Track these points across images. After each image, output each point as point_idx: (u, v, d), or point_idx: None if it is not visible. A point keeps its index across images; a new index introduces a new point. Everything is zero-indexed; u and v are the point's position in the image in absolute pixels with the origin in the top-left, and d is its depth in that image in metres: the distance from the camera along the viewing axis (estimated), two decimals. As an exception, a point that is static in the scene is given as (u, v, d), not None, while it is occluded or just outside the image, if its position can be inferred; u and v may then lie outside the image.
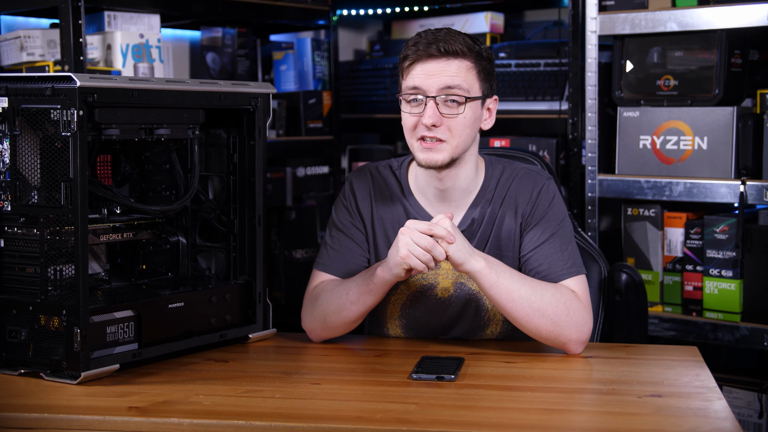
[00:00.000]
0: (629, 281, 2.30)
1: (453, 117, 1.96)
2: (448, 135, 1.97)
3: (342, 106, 3.52)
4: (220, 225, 2.16)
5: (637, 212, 2.88)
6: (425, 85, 1.96)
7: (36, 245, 1.81)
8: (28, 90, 1.78)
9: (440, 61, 1.96)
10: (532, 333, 1.96)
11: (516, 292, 1.92)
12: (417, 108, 1.98)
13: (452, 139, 1.97)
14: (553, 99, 3.06)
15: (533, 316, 1.93)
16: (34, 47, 2.61)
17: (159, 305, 1.94)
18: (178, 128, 1.99)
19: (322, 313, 2.05)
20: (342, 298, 2.02)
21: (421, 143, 1.98)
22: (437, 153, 1.97)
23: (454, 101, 1.96)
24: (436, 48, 1.96)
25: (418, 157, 2.00)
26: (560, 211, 2.08)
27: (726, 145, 2.67)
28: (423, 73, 1.97)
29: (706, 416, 1.60)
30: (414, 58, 1.98)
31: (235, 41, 3.19)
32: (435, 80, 1.96)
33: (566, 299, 1.95)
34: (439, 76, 1.96)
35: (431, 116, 1.95)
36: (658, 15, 2.73)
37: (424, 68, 1.97)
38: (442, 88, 1.95)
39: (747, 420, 2.78)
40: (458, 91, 1.96)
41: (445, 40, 1.96)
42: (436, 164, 1.98)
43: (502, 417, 1.61)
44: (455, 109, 1.96)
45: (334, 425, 1.56)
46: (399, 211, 2.11)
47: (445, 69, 1.96)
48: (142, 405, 1.66)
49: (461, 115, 1.97)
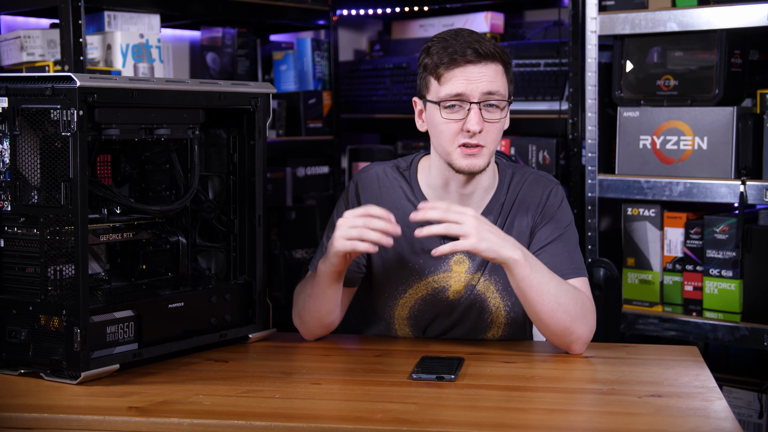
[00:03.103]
0: (608, 276, 2.30)
1: (495, 122, 1.96)
2: (487, 140, 1.96)
3: (342, 106, 3.52)
4: (220, 225, 2.16)
5: (637, 212, 2.88)
6: (468, 90, 1.93)
7: (36, 245, 1.80)
8: (28, 90, 1.78)
9: (479, 66, 1.94)
10: (547, 328, 1.95)
11: (546, 285, 1.91)
12: (458, 114, 1.95)
13: (490, 144, 1.97)
14: (553, 99, 3.06)
15: (557, 311, 1.92)
16: (34, 47, 2.61)
17: (159, 305, 1.94)
18: (178, 128, 1.99)
19: (298, 311, 2.10)
20: (305, 293, 2.06)
21: (463, 150, 1.96)
22: (479, 158, 1.96)
23: (493, 106, 1.95)
24: (473, 52, 1.93)
25: (459, 164, 1.97)
26: (567, 215, 2.09)
27: (726, 145, 2.67)
28: (464, 79, 1.93)
29: (706, 416, 1.60)
30: (452, 63, 1.94)
31: (235, 41, 3.19)
32: (477, 86, 1.93)
33: (582, 298, 1.96)
34: (480, 81, 1.93)
35: (478, 122, 1.93)
36: (658, 15, 2.73)
37: (464, 73, 1.94)
38: (484, 93, 1.93)
39: (747, 420, 2.78)
40: (498, 96, 1.95)
41: (479, 42, 1.94)
42: (478, 170, 1.98)
43: (502, 417, 1.61)
44: (496, 113, 1.95)
45: (334, 425, 1.56)
46: (408, 211, 2.08)
47: (485, 73, 1.94)
48: (142, 405, 1.66)
49: (502, 120, 1.97)
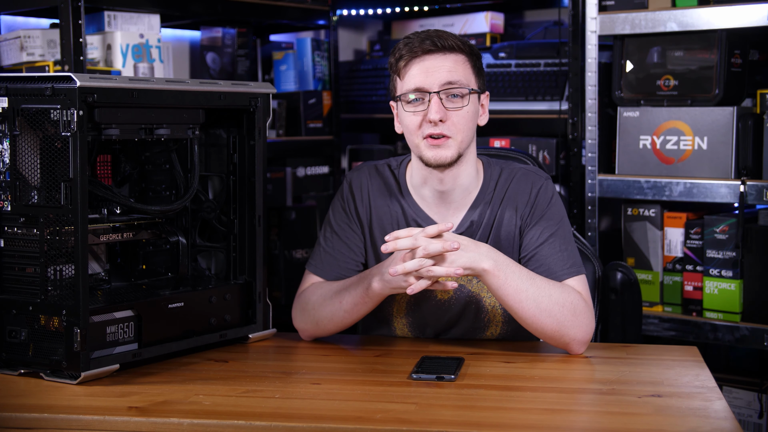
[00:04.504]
0: (625, 280, 2.30)
1: (458, 110, 1.96)
2: (453, 130, 1.96)
3: (342, 106, 3.52)
4: (220, 225, 2.16)
5: (637, 212, 2.88)
6: (427, 83, 1.96)
7: (36, 245, 1.80)
8: (28, 90, 1.78)
9: (437, 57, 1.96)
10: (536, 332, 1.96)
11: (524, 292, 1.91)
12: (420, 106, 1.97)
13: (457, 134, 1.97)
14: (553, 99, 3.06)
15: (540, 316, 1.92)
16: (34, 47, 2.61)
17: (159, 305, 1.94)
18: (178, 128, 1.99)
19: (314, 317, 2.06)
20: (335, 305, 2.02)
21: (428, 141, 1.97)
22: (445, 149, 1.97)
23: (456, 96, 1.96)
24: (431, 43, 1.96)
25: (426, 156, 1.98)
26: (559, 210, 2.07)
27: (726, 145, 2.67)
28: (422, 71, 1.96)
29: (706, 416, 1.60)
30: (410, 57, 1.97)
31: (235, 41, 3.19)
32: (435, 76, 1.96)
33: (572, 299, 1.94)
34: (438, 71, 1.96)
35: (438, 111, 1.94)
36: (658, 15, 2.73)
37: (422, 65, 1.97)
38: (443, 83, 1.95)
39: (747, 420, 2.78)
40: (458, 85, 1.96)
41: (438, 35, 1.97)
42: (445, 161, 1.98)
43: (502, 417, 1.61)
44: (458, 102, 1.97)
45: (334, 425, 1.56)
46: (397, 212, 2.10)
47: (443, 64, 1.96)
48: (142, 405, 1.66)
49: (465, 109, 1.97)
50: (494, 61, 3.21)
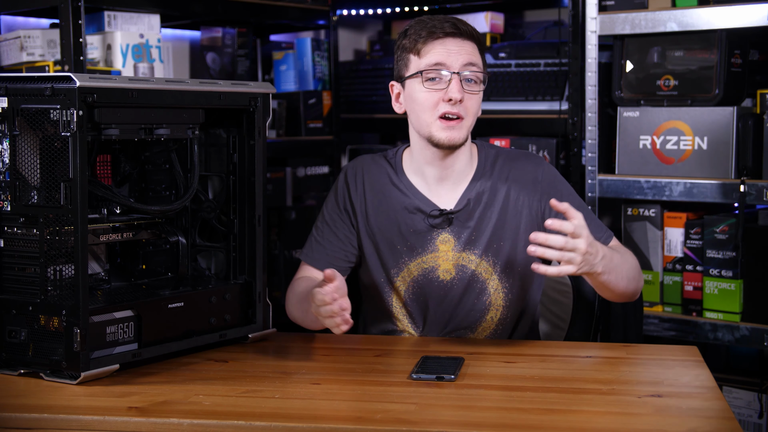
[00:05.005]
0: None
1: (473, 95, 1.99)
2: (467, 111, 1.99)
3: (342, 106, 3.52)
4: (220, 225, 2.16)
5: (637, 212, 2.88)
6: (449, 61, 1.98)
7: (36, 245, 1.80)
8: (28, 90, 1.78)
9: (457, 40, 1.99)
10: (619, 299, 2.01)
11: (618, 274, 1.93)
12: (438, 84, 1.98)
13: (468, 118, 2.00)
14: (553, 99, 3.06)
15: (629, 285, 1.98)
16: (34, 47, 2.61)
17: (159, 305, 1.94)
18: (178, 128, 1.99)
19: (293, 314, 2.13)
20: (302, 311, 2.05)
21: (443, 122, 1.98)
22: (458, 131, 1.99)
23: (471, 80, 1.99)
24: (451, 26, 1.99)
25: (439, 137, 1.99)
26: (567, 184, 2.14)
27: (726, 145, 2.67)
28: (444, 50, 1.98)
29: (706, 416, 1.60)
30: (431, 36, 1.99)
31: (235, 41, 3.19)
32: (457, 57, 1.98)
33: (632, 258, 2.02)
34: (459, 53, 1.98)
35: (459, 90, 1.96)
36: (658, 15, 2.73)
37: (444, 45, 1.99)
38: (465, 64, 1.98)
39: (747, 420, 2.78)
40: (477, 68, 1.99)
41: (457, 20, 2.01)
42: (457, 142, 2.00)
43: (502, 417, 1.61)
44: (474, 87, 2.00)
45: (334, 425, 1.56)
46: (394, 194, 2.12)
47: (464, 47, 1.99)
48: (142, 405, 1.66)
49: (480, 94, 2.00)
50: (494, 60, 3.21)
